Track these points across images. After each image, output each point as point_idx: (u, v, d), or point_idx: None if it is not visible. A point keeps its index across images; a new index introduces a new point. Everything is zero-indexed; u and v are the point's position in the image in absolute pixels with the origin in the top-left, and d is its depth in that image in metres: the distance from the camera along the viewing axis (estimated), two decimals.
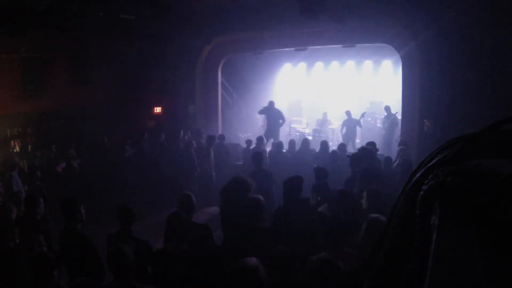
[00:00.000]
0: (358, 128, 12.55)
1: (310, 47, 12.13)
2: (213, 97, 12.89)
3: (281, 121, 11.75)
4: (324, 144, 8.56)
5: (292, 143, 9.36)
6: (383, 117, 12.88)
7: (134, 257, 3.14)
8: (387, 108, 12.29)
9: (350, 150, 9.81)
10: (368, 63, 15.39)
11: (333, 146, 10.04)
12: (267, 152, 9.28)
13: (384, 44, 10.34)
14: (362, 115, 12.69)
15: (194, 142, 9.82)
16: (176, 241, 3.59)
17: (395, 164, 7.37)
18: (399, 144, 8.58)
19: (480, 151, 0.72)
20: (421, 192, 0.73)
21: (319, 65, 16.20)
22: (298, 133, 13.90)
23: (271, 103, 11.84)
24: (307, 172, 5.99)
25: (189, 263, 3.39)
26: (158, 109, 12.64)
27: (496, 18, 7.28)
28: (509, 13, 6.98)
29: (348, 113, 12.60)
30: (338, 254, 2.99)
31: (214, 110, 12.90)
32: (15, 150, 9.57)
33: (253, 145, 9.79)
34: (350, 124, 12.43)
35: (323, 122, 14.60)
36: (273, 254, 3.12)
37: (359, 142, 12.60)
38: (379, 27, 9.45)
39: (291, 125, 14.35)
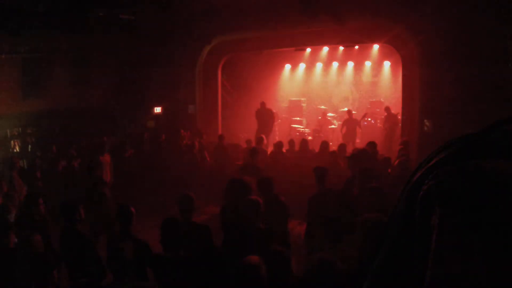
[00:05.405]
0: (358, 128, 12.54)
1: (310, 47, 12.11)
2: (213, 97, 12.88)
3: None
4: (324, 144, 8.55)
5: (292, 143, 9.35)
6: (383, 117, 12.89)
7: (133, 257, 3.13)
8: (388, 109, 12.29)
9: (350, 150, 9.80)
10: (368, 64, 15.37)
11: (333, 146, 10.03)
12: (268, 152, 9.28)
13: (384, 44, 10.34)
14: (364, 116, 12.69)
15: (196, 143, 9.80)
16: (173, 247, 3.54)
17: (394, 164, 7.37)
18: (399, 144, 8.58)
19: (480, 151, 0.72)
20: (421, 192, 0.73)
21: (319, 65, 16.16)
22: (298, 133, 13.90)
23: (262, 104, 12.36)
24: (307, 172, 5.98)
25: (189, 267, 3.38)
26: (158, 109, 12.64)
27: (496, 18, 7.27)
28: (509, 12, 6.97)
29: (348, 113, 12.59)
30: (337, 254, 2.99)
31: (214, 110, 12.89)
32: (15, 150, 9.56)
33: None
34: (351, 124, 12.42)
35: (323, 122, 14.59)
36: (273, 254, 3.11)
37: (359, 142, 12.60)
38: (379, 27, 9.44)
39: (291, 125, 14.33)
